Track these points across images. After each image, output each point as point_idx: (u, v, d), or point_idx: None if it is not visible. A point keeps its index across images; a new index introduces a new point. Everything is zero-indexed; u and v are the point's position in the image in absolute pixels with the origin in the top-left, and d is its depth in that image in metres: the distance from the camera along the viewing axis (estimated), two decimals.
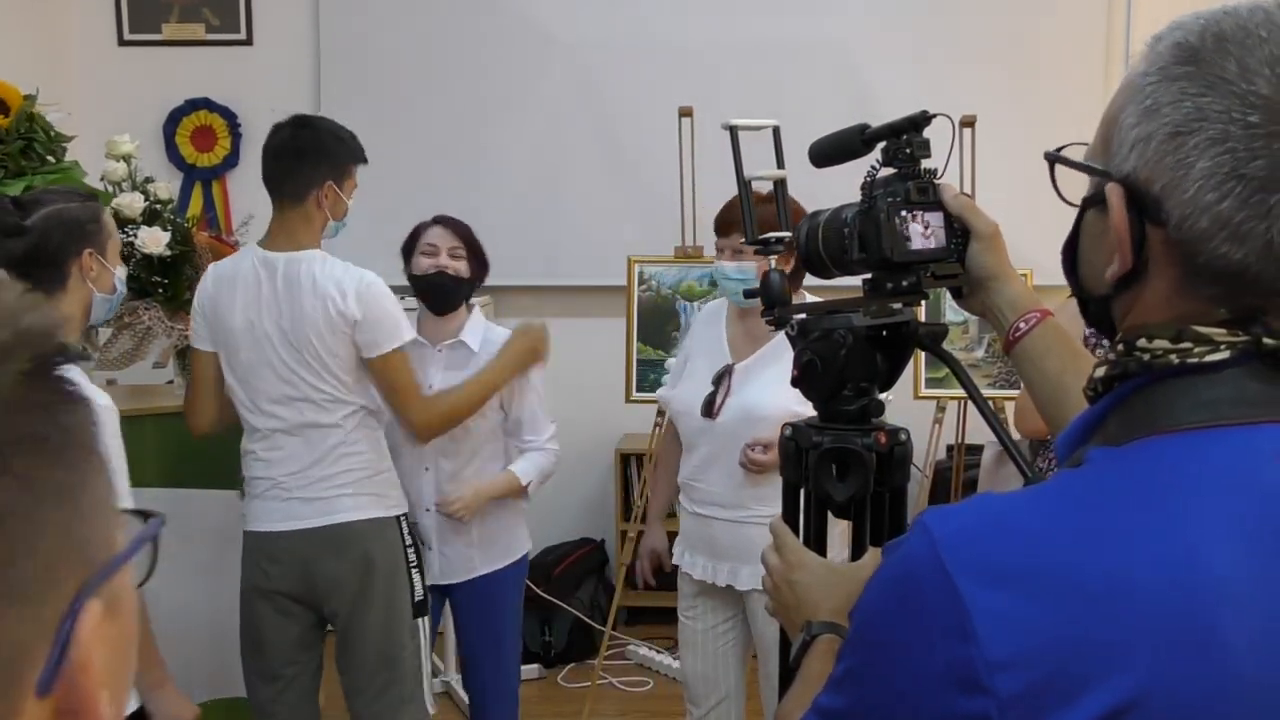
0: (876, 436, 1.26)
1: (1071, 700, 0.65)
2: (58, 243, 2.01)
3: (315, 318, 2.42)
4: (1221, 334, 0.73)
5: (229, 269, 2.55)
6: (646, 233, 4.30)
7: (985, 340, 4.02)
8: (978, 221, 1.24)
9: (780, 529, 1.24)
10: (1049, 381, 1.19)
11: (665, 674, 4.26)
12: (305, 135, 2.52)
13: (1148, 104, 0.74)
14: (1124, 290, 0.79)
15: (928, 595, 0.71)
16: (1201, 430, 0.72)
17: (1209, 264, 0.73)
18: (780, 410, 2.46)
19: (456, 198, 4.43)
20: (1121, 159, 0.76)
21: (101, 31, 4.92)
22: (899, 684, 0.73)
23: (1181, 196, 0.72)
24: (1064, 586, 0.67)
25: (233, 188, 4.98)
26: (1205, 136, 0.71)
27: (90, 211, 2.10)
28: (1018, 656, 0.67)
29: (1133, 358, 0.76)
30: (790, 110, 2.72)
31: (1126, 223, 0.76)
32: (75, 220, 2.05)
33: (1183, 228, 0.73)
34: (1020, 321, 1.22)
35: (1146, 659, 0.65)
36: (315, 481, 2.49)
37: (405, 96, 4.82)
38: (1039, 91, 4.56)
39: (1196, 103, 0.71)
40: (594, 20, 4.77)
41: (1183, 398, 0.73)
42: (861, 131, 1.26)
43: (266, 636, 2.55)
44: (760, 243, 1.37)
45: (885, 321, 1.27)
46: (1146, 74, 0.75)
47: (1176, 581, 0.66)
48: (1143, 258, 0.76)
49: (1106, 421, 0.77)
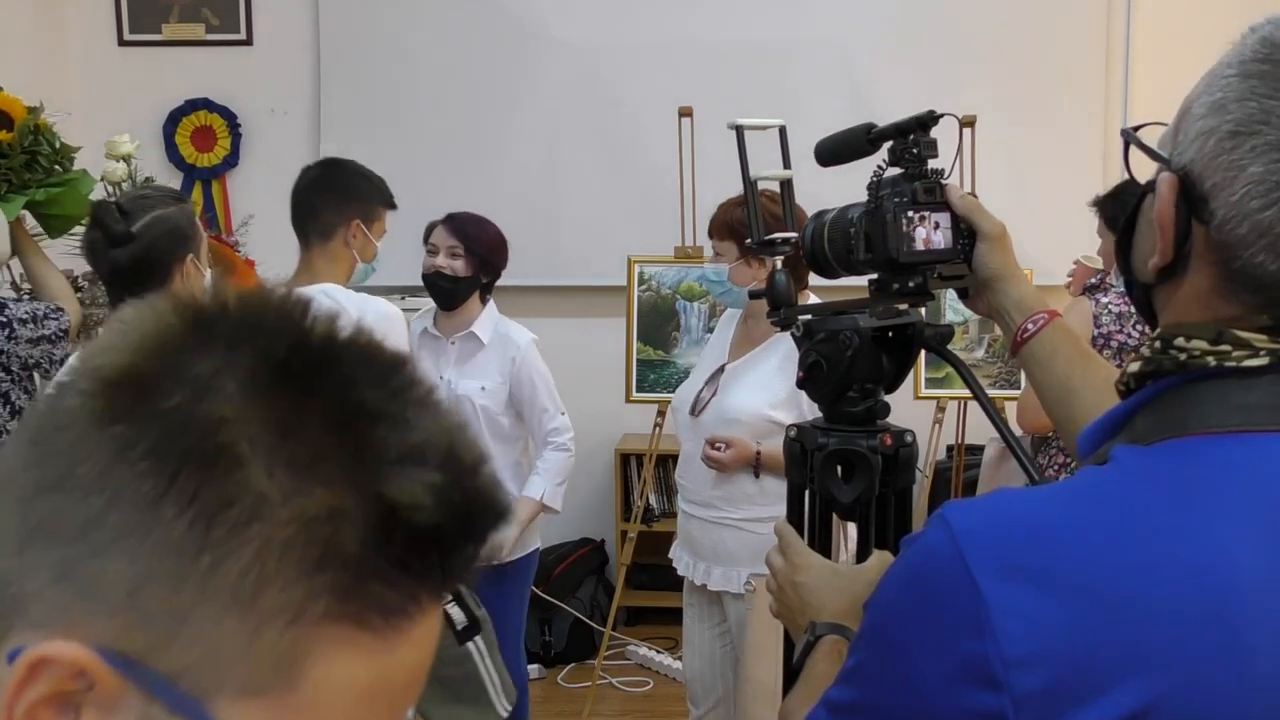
0: (882, 438, 1.26)
1: (1089, 700, 0.64)
2: (163, 250, 2.02)
3: None
4: (1262, 340, 0.72)
5: None
6: (646, 233, 4.30)
7: (985, 340, 4.02)
8: (984, 222, 1.23)
9: (785, 530, 1.24)
10: (1056, 383, 1.18)
11: (665, 674, 4.25)
12: (334, 173, 2.58)
13: (1218, 97, 0.73)
14: (1165, 281, 0.78)
15: (946, 589, 0.70)
16: (1232, 435, 0.71)
17: (1244, 270, 0.72)
18: (752, 414, 2.48)
19: (456, 197, 4.41)
20: (1183, 150, 0.75)
21: (101, 31, 4.91)
22: (913, 677, 0.72)
23: (1229, 199, 0.71)
24: (1085, 585, 0.66)
25: (232, 188, 4.98)
26: (1264, 140, 0.69)
27: (186, 215, 2.11)
28: (1035, 654, 0.66)
29: (1168, 356, 0.74)
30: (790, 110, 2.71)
31: (1172, 215, 0.75)
32: (177, 226, 2.05)
33: (1224, 230, 0.72)
34: (1028, 323, 1.21)
35: (1168, 662, 0.64)
36: None
37: (405, 96, 4.82)
38: (1039, 91, 4.56)
39: (1263, 104, 0.70)
40: (594, 20, 4.76)
41: (1216, 400, 0.72)
42: (868, 131, 1.25)
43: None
44: (765, 243, 1.37)
45: (891, 323, 1.27)
46: (1228, 65, 0.73)
47: (1200, 585, 0.65)
48: (1184, 253, 0.75)
49: (1135, 419, 0.76)
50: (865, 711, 0.77)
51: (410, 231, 4.17)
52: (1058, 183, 4.37)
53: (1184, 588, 0.66)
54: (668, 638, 4.41)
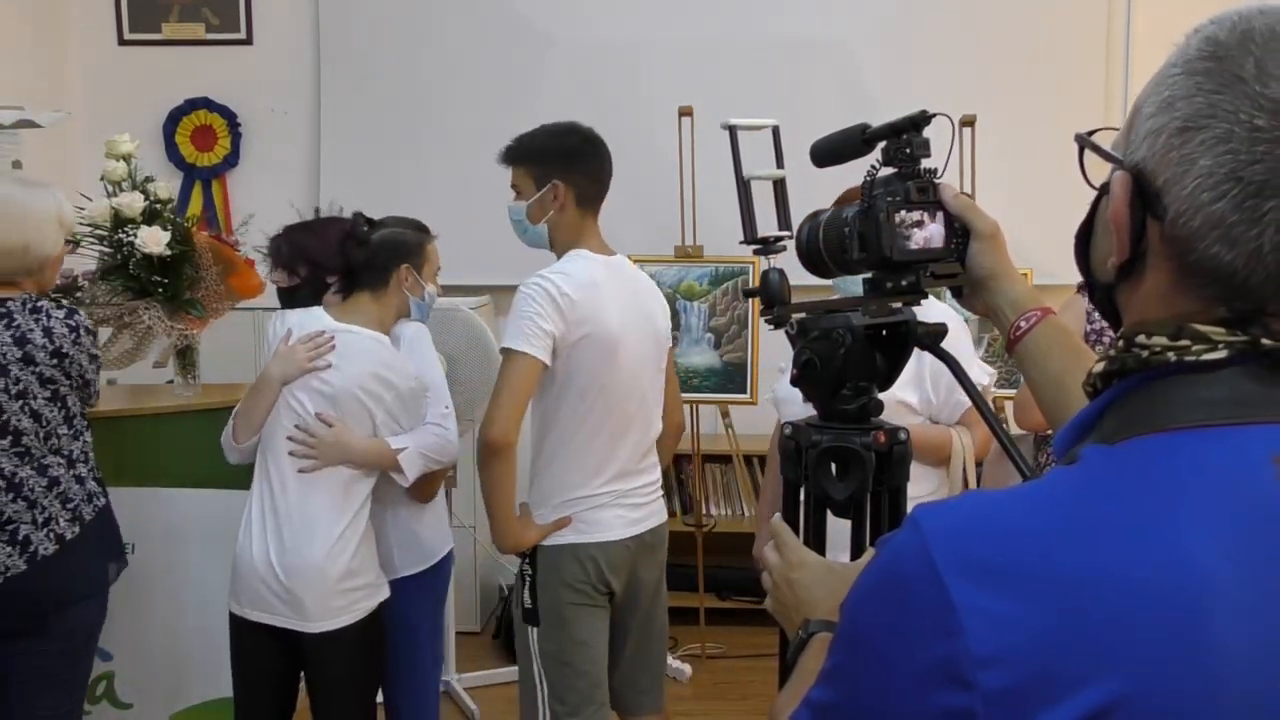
0: (876, 436, 1.26)
1: (1058, 699, 0.65)
2: (385, 257, 2.63)
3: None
4: (1220, 333, 0.72)
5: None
6: (646, 233, 4.30)
7: (985, 340, 4.02)
8: (978, 221, 1.24)
9: (780, 528, 1.24)
10: (1050, 380, 1.19)
11: (665, 674, 4.25)
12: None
13: (1165, 95, 0.74)
14: (1125, 280, 0.79)
15: (916, 591, 0.70)
16: (1196, 430, 0.71)
17: (1200, 263, 0.72)
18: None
19: (456, 197, 4.43)
20: (1135, 149, 0.76)
21: (101, 31, 4.92)
22: (886, 678, 0.73)
23: (1180, 193, 0.72)
24: (1052, 584, 0.67)
25: (232, 187, 4.99)
26: (1212, 134, 0.70)
27: (417, 239, 2.70)
28: (1003, 654, 0.66)
29: (1131, 354, 0.75)
30: (790, 110, 2.72)
31: (1126, 212, 0.76)
32: (402, 243, 2.66)
33: (1178, 224, 0.73)
34: (1021, 320, 1.22)
35: (1133, 659, 0.65)
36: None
37: (405, 96, 4.82)
38: (1039, 91, 4.56)
39: (1209, 99, 0.71)
40: (594, 20, 4.77)
41: (1179, 396, 0.73)
42: (862, 131, 1.26)
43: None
44: (760, 242, 1.37)
45: (884, 321, 1.27)
46: (1174, 64, 0.75)
47: (1165, 582, 0.66)
48: (1141, 250, 0.76)
49: (1103, 419, 0.77)
50: (843, 711, 0.78)
51: None
52: (1058, 183, 4.37)
53: (1148, 585, 0.66)
54: (668, 637, 4.40)
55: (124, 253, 3.02)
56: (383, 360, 2.56)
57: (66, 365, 2.46)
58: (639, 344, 2.53)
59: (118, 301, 3.05)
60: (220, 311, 3.19)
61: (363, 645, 2.53)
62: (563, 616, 2.50)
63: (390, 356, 2.58)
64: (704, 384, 4.17)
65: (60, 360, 2.44)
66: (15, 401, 2.40)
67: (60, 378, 2.45)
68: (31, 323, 2.42)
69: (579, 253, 2.51)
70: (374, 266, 2.61)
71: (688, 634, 4.41)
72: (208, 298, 3.12)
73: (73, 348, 2.46)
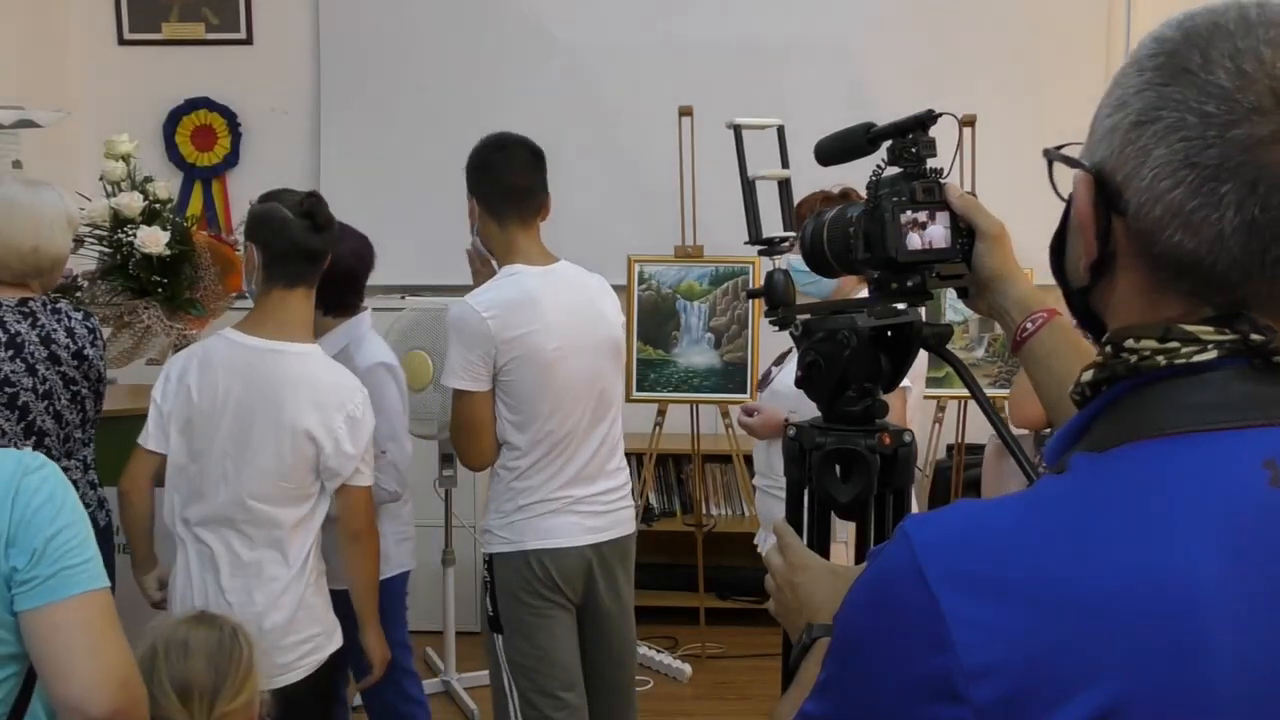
0: (880, 437, 1.26)
1: (1050, 709, 0.65)
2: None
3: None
4: (1208, 332, 0.72)
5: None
6: (646, 232, 4.30)
7: (985, 340, 4.02)
8: (984, 221, 1.23)
9: (784, 530, 1.24)
10: (1055, 381, 1.18)
11: (666, 673, 4.25)
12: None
13: (1118, 95, 0.75)
14: (1097, 281, 0.79)
15: (906, 603, 0.70)
16: (1185, 436, 0.71)
17: (1165, 254, 0.72)
18: (788, 387, 2.50)
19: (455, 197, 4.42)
20: (1094, 150, 0.77)
21: (101, 31, 4.91)
22: (877, 691, 0.72)
23: (1139, 184, 0.73)
24: (1041, 595, 0.66)
25: (232, 187, 4.98)
26: (1164, 124, 0.71)
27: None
28: (995, 666, 0.66)
29: (1120, 360, 0.75)
30: (790, 110, 2.72)
31: (1090, 212, 0.76)
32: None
33: (1140, 216, 0.73)
34: (1027, 322, 1.21)
35: (1125, 668, 0.64)
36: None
37: (405, 96, 4.81)
38: (1039, 91, 4.56)
39: (1160, 92, 0.72)
40: (594, 20, 4.76)
41: (1168, 402, 0.72)
42: (867, 130, 1.25)
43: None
44: (764, 242, 1.37)
45: (889, 322, 1.27)
46: (1126, 68, 0.76)
47: (1156, 590, 0.65)
48: (1110, 250, 0.76)
49: (1093, 427, 0.76)
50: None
51: (410, 232, 4.20)
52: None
53: (1138, 592, 0.65)
54: (668, 637, 4.40)
55: (123, 252, 3.02)
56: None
57: (86, 368, 2.45)
58: (592, 350, 2.51)
59: (117, 301, 3.05)
60: (219, 311, 3.19)
61: (316, 700, 2.33)
62: (523, 622, 2.52)
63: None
64: (704, 384, 4.17)
65: (81, 362, 2.44)
66: (41, 401, 2.40)
67: (81, 380, 2.45)
68: (54, 323, 2.42)
69: (511, 268, 2.50)
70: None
71: (688, 634, 4.40)
72: (207, 297, 3.12)
73: (91, 349, 2.45)
